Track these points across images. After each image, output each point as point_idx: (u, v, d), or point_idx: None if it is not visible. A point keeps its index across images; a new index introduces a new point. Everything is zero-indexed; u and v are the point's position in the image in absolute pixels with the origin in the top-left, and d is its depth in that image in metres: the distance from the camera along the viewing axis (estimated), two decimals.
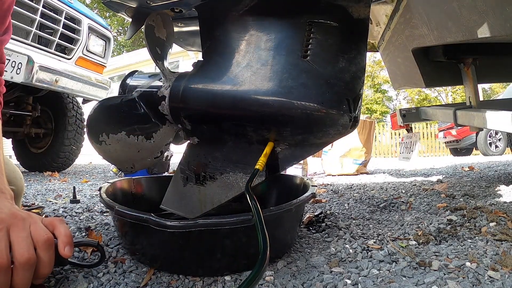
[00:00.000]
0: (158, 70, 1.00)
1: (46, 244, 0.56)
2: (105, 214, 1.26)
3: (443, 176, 2.86)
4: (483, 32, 1.18)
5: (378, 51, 2.63)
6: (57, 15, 3.03)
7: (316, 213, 1.24)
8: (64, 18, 3.08)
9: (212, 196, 0.91)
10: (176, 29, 1.28)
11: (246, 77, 0.82)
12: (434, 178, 2.67)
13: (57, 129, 3.67)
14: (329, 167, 3.54)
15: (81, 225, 1.06)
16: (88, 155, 4.14)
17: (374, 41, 2.53)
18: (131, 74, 1.10)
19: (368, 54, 3.13)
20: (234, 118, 0.84)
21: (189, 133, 0.95)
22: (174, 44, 1.18)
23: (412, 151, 2.74)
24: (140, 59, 11.38)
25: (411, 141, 2.79)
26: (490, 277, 0.68)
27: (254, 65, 0.83)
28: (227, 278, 0.71)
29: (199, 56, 1.06)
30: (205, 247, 0.71)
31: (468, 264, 0.73)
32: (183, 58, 12.61)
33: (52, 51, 3.06)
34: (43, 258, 0.55)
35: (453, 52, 1.93)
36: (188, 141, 0.98)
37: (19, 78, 2.58)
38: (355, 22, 0.86)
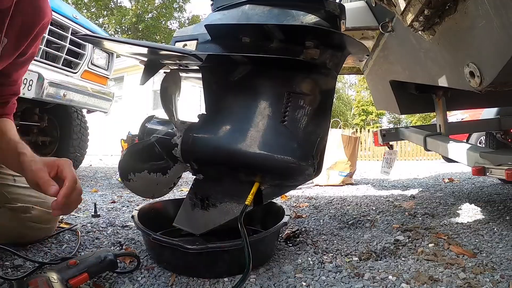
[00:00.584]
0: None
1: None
2: (125, 228, 1.57)
3: (421, 189, 3.15)
4: (443, 82, 1.41)
5: (362, 74, 2.92)
6: (64, 31, 3.21)
7: (293, 230, 1.55)
8: (70, 34, 3.25)
9: (214, 219, 1.21)
10: (183, 74, 1.55)
11: (239, 135, 1.11)
12: (410, 192, 2.97)
13: (62, 137, 3.89)
14: (317, 178, 3.84)
15: (111, 240, 1.37)
16: (87, 155, 4.38)
17: (359, 66, 2.83)
18: (149, 119, 1.39)
19: None
20: (230, 165, 1.14)
21: (196, 171, 1.25)
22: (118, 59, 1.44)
23: (391, 166, 3.04)
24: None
25: (391, 158, 3.07)
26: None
27: (245, 126, 1.11)
28: (226, 279, 1.03)
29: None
30: (212, 260, 1.05)
31: (390, 277, 1.05)
32: (127, 73, 13.09)
33: (60, 66, 3.25)
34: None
35: (425, 87, 2.21)
36: (195, 176, 1.28)
37: (30, 94, 2.76)
38: (323, 92, 1.16)
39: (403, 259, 1.22)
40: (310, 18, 1.14)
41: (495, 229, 1.58)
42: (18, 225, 1.19)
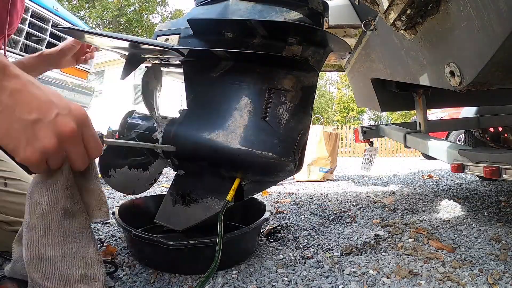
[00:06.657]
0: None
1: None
2: (106, 225, 1.55)
3: (400, 185, 3.19)
4: (423, 81, 1.43)
5: (344, 72, 2.93)
6: (44, 24, 3.13)
7: (275, 225, 1.56)
8: (51, 27, 3.18)
9: (195, 215, 1.20)
10: (164, 69, 1.54)
11: (221, 130, 1.11)
12: (390, 188, 3.00)
13: None
14: (298, 174, 3.86)
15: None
16: None
17: (341, 63, 2.84)
18: (130, 114, 1.37)
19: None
20: (211, 161, 1.14)
21: (177, 167, 1.24)
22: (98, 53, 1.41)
23: (371, 163, 3.07)
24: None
25: (371, 154, 3.10)
26: (383, 282, 1.00)
27: (226, 121, 1.12)
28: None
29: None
30: (194, 256, 1.04)
31: (371, 271, 1.06)
32: (108, 68, 12.99)
33: None
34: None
35: (405, 86, 2.24)
36: (176, 172, 1.27)
37: None
38: (305, 89, 1.16)
39: (383, 253, 1.24)
40: (293, 15, 1.14)
41: (473, 224, 1.62)
42: (5, 239, 0.93)
